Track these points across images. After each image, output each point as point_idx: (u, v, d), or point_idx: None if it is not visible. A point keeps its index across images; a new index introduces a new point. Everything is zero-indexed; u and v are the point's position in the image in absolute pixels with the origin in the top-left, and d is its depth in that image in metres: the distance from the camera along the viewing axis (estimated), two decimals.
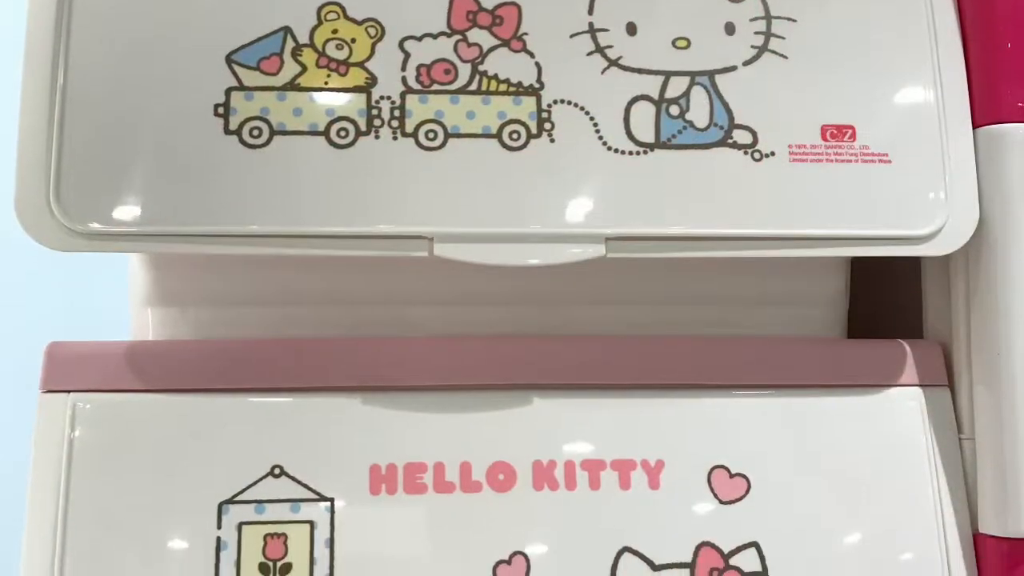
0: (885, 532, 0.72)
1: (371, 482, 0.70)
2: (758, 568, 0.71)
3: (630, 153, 0.70)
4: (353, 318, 0.75)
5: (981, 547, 0.72)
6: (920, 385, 0.75)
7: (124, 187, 0.66)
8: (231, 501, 0.69)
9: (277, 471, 0.70)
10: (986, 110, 0.72)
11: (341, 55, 0.69)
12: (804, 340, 0.79)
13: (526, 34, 0.71)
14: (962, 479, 0.74)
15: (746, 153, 0.70)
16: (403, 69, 0.70)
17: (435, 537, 0.70)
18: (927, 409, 0.75)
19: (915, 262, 0.80)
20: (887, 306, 0.86)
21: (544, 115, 0.70)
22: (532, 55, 0.70)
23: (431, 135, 0.69)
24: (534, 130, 0.69)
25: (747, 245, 0.70)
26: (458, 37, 0.70)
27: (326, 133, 0.68)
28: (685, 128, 0.70)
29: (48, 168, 0.65)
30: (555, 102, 0.70)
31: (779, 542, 0.71)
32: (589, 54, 0.71)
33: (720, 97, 0.71)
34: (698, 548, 0.71)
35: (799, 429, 0.74)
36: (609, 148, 0.70)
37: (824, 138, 0.71)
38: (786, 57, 0.72)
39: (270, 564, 0.70)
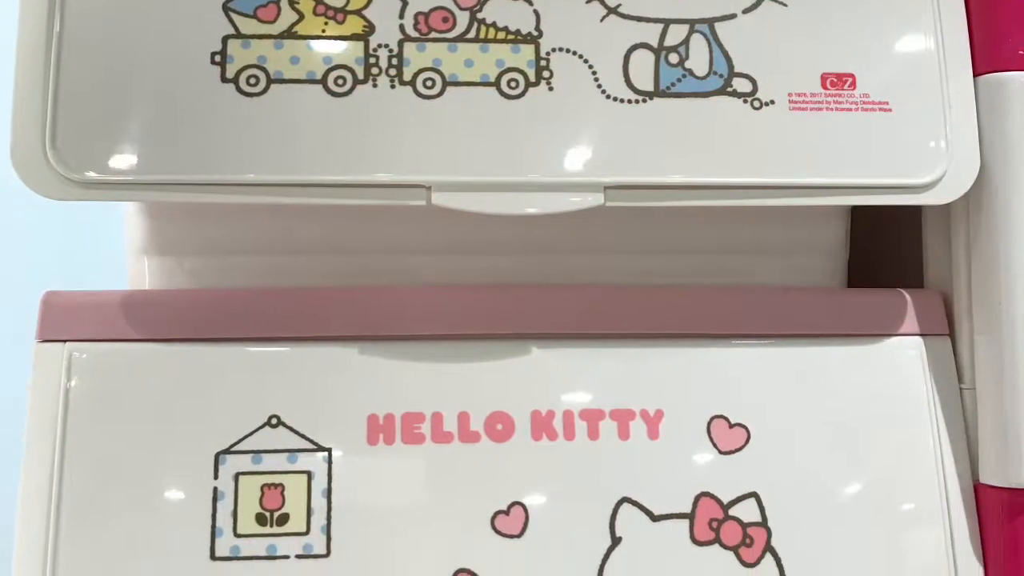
0: (885, 482, 0.72)
1: (369, 432, 0.70)
2: (758, 518, 0.70)
3: (629, 102, 0.69)
4: (351, 267, 0.75)
5: (981, 497, 0.72)
6: (920, 334, 0.75)
7: (120, 136, 0.65)
8: (228, 451, 0.69)
9: (274, 421, 0.70)
10: (987, 58, 0.71)
11: (338, 2, 0.69)
12: (804, 289, 0.78)
13: None
14: (962, 429, 0.74)
15: (745, 102, 0.70)
16: (401, 17, 0.69)
17: (433, 487, 0.70)
18: (927, 358, 0.75)
19: (916, 211, 0.80)
20: (887, 255, 0.86)
21: (543, 63, 0.69)
22: (530, 3, 0.70)
23: (429, 83, 0.68)
24: (533, 78, 0.69)
25: (746, 194, 0.69)
26: None
27: (323, 81, 0.67)
28: (684, 76, 0.70)
29: (44, 117, 0.65)
30: (554, 50, 0.69)
31: (779, 492, 0.71)
32: (588, 2, 0.71)
33: (720, 45, 0.71)
34: (697, 498, 0.70)
35: (799, 379, 0.73)
36: (608, 97, 0.69)
37: (824, 86, 0.70)
38: (786, 5, 0.71)
39: (267, 514, 0.69)
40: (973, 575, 0.71)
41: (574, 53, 0.70)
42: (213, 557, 0.67)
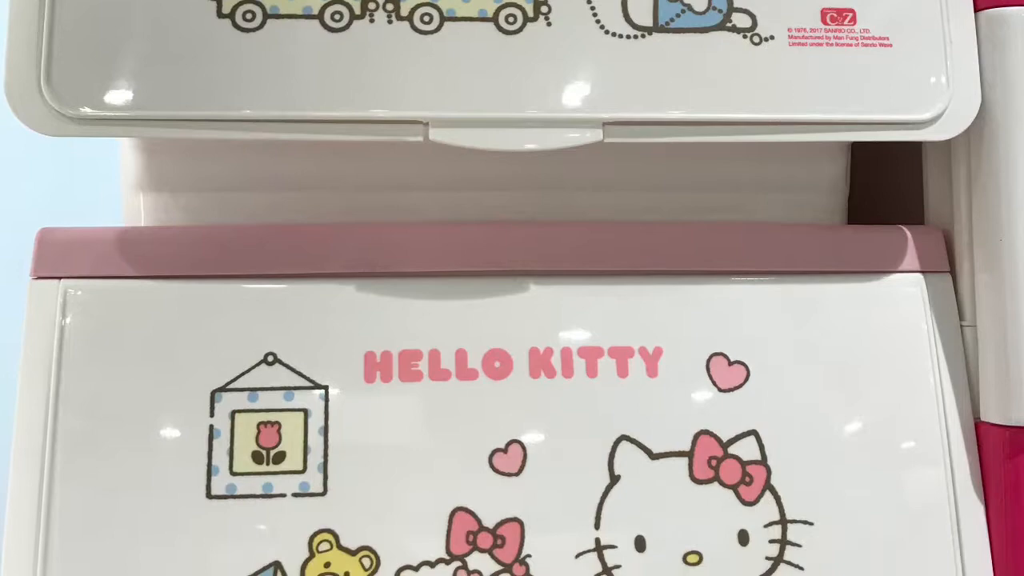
0: (885, 420, 0.72)
1: (366, 370, 0.70)
2: (757, 456, 0.70)
3: (628, 37, 0.69)
4: (348, 203, 0.75)
5: (982, 435, 0.71)
6: (921, 271, 0.75)
7: (116, 71, 0.65)
8: (224, 389, 0.69)
9: (271, 359, 0.69)
10: None
11: None
12: (804, 226, 0.78)
13: None
14: (963, 367, 0.73)
15: (745, 37, 0.69)
16: None
17: (430, 425, 0.70)
18: (928, 296, 0.74)
19: (916, 147, 0.79)
20: (888, 192, 0.85)
21: None
22: None
23: (426, 18, 0.68)
24: (531, 13, 0.68)
25: (746, 130, 0.69)
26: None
27: (320, 16, 0.67)
28: (684, 12, 0.69)
29: (39, 52, 0.64)
30: None
31: (778, 430, 0.70)
32: None
33: None
34: (696, 436, 0.70)
35: (799, 316, 0.73)
36: (607, 32, 0.68)
37: (824, 22, 0.70)
38: None
39: (263, 452, 0.69)
40: (973, 513, 0.70)
41: None
42: (209, 495, 0.67)
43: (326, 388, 0.69)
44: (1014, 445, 0.70)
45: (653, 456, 0.70)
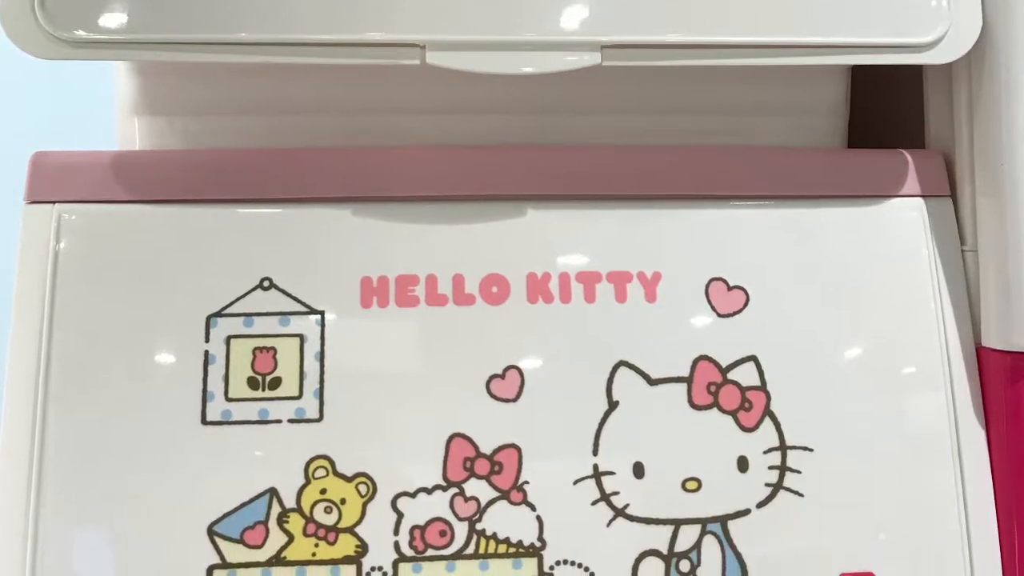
0: (886, 345, 0.71)
1: (362, 295, 0.69)
2: (756, 382, 0.69)
3: None
4: (344, 127, 0.74)
5: (983, 360, 0.71)
6: (922, 195, 0.74)
7: None
8: (219, 314, 0.68)
9: (266, 283, 0.69)
10: None
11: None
12: (804, 150, 0.77)
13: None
14: (964, 291, 0.73)
15: None
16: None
17: (427, 351, 0.69)
18: (929, 220, 0.74)
19: (917, 71, 0.79)
20: (888, 116, 0.84)
21: None
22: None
23: None
24: None
25: (746, 53, 0.68)
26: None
27: None
28: None
29: None
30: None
31: (778, 356, 0.70)
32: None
33: None
34: (695, 362, 0.69)
35: (799, 240, 0.72)
36: None
37: None
38: None
39: (259, 378, 0.68)
40: (974, 439, 0.70)
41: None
42: (204, 421, 0.67)
43: (322, 313, 0.69)
44: (1015, 370, 0.69)
45: (652, 382, 0.69)
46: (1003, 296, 0.69)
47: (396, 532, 0.66)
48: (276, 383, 0.68)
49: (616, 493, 0.68)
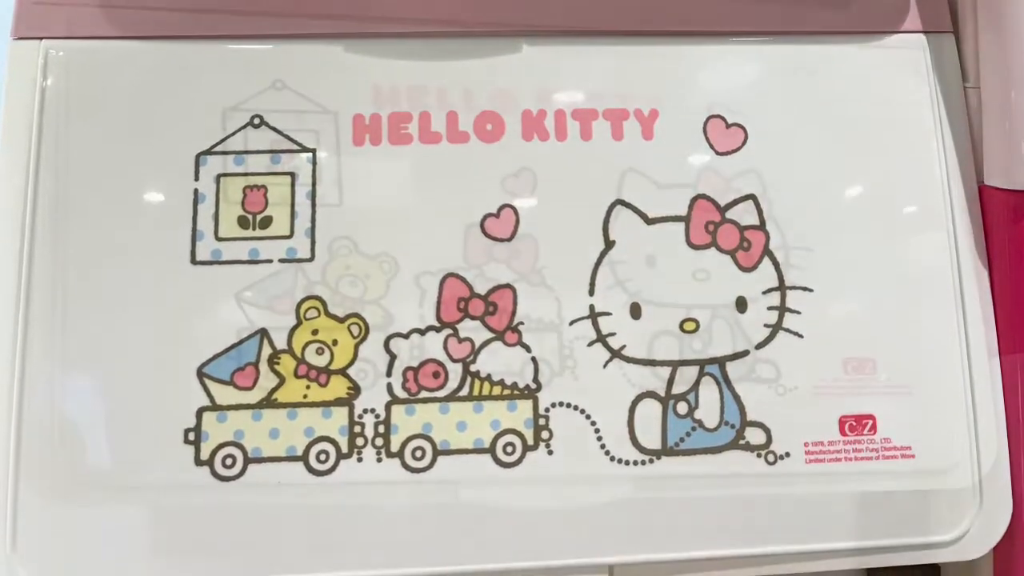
0: (887, 184, 0.70)
1: (354, 133, 0.68)
2: (755, 221, 0.68)
3: None
4: None
5: (986, 199, 0.70)
6: (924, 31, 0.72)
7: None
8: (209, 152, 0.67)
9: (256, 121, 0.68)
10: None
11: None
12: None
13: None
14: (967, 130, 0.71)
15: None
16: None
17: (421, 189, 0.68)
18: (931, 56, 0.72)
19: None
20: None
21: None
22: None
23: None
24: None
25: None
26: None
27: None
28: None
29: None
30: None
31: (777, 195, 0.69)
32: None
33: None
34: (693, 201, 0.68)
35: (799, 77, 0.71)
36: None
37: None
38: None
39: (249, 216, 0.67)
40: (977, 277, 0.69)
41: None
42: (194, 261, 0.66)
43: (314, 151, 0.67)
44: (1018, 209, 0.68)
45: (649, 221, 0.68)
46: (1006, 134, 0.68)
47: (389, 374, 0.65)
48: (267, 222, 0.67)
49: (613, 334, 0.67)
